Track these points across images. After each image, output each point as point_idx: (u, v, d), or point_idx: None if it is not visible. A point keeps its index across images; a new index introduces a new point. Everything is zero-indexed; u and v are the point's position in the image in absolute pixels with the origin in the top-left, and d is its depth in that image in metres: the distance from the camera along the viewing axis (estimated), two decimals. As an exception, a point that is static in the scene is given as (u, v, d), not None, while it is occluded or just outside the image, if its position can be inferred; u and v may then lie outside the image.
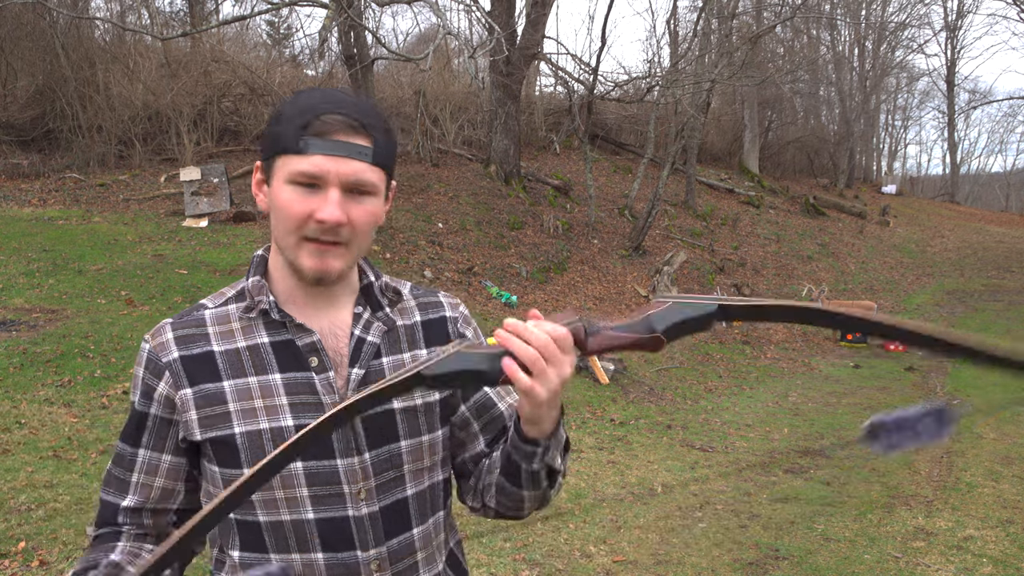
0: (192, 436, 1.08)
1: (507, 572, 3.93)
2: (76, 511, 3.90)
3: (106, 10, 16.18)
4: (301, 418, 1.07)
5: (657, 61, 21.37)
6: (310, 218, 1.03)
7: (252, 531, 1.08)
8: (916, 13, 30.01)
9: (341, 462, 1.08)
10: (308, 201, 1.03)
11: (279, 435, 1.06)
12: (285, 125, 1.04)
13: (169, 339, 1.11)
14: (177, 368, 1.09)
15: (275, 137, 1.05)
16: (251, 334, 1.11)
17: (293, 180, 1.03)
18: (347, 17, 10.14)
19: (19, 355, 5.88)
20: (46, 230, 9.55)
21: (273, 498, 1.07)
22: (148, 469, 1.12)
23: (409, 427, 1.13)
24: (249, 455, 1.06)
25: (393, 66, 18.61)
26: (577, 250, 13.14)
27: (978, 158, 48.44)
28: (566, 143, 18.45)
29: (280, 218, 1.06)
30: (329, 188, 1.03)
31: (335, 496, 1.08)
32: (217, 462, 1.08)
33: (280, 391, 1.08)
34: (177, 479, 1.13)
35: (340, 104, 1.04)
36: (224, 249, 9.54)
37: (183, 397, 1.08)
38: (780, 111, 25.57)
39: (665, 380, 8.92)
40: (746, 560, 4.28)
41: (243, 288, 1.15)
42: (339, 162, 1.02)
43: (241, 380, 1.08)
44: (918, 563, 4.31)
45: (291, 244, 1.06)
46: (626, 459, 6.08)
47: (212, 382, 1.08)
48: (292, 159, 1.03)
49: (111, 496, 1.14)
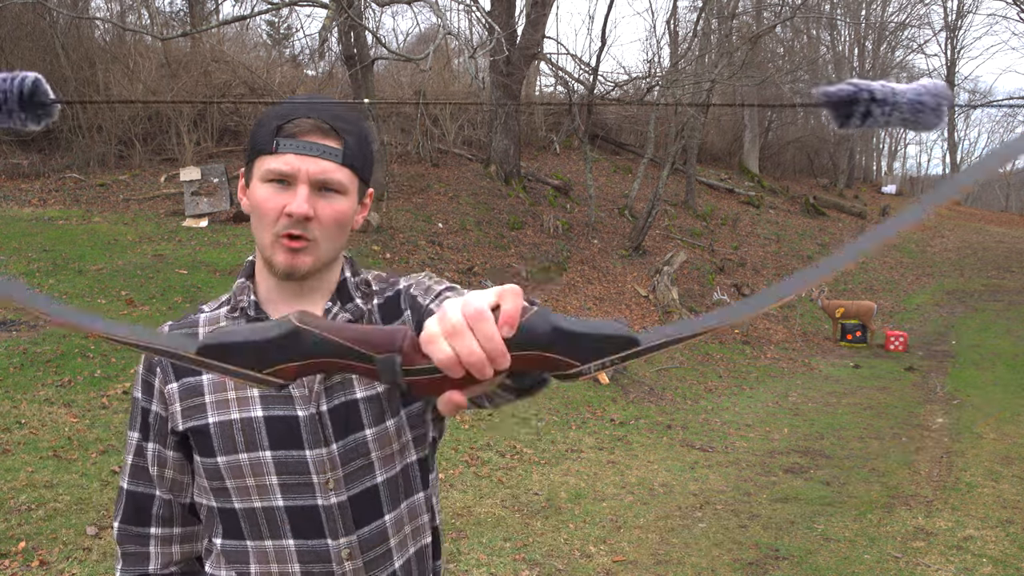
0: (176, 427, 1.15)
1: (507, 572, 3.93)
2: (76, 511, 3.90)
3: (106, 10, 16.19)
4: (271, 410, 1.12)
5: (657, 61, 21.37)
6: (281, 213, 1.09)
7: (231, 518, 1.14)
8: (916, 13, 30.05)
9: (310, 453, 1.12)
10: (280, 197, 1.09)
11: (248, 424, 1.11)
12: (262, 129, 1.11)
13: None
14: (166, 364, 1.16)
15: (253, 140, 1.12)
16: None
17: (266, 178, 1.10)
18: (347, 17, 10.14)
19: (19, 355, 5.88)
20: (46, 230, 9.55)
21: (245, 485, 1.12)
22: (160, 462, 1.18)
23: (373, 415, 1.15)
24: (221, 443, 1.11)
25: (393, 66, 18.61)
26: (577, 250, 13.14)
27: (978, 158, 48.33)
28: (566, 143, 18.46)
29: (256, 216, 1.12)
30: (298, 185, 1.09)
31: (304, 485, 1.12)
32: (198, 451, 1.14)
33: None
34: (184, 472, 1.19)
35: (313, 109, 1.11)
36: (224, 249, 9.54)
37: (170, 391, 1.15)
38: (780, 111, 25.56)
39: (665, 380, 8.91)
40: (746, 560, 4.28)
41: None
42: (308, 161, 1.08)
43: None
44: (918, 563, 4.31)
45: (267, 242, 1.11)
46: (626, 459, 6.08)
47: (194, 376, 1.15)
48: (267, 159, 1.09)
49: (140, 487, 1.19)
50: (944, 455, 6.65)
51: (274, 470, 1.11)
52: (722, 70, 14.97)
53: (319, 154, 1.09)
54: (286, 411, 1.12)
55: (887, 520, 5.02)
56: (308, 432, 1.12)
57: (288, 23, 23.57)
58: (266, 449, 1.11)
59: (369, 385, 1.15)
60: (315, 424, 1.12)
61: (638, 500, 5.19)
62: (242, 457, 1.11)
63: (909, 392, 9.40)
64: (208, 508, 1.16)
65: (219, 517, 1.15)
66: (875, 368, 10.83)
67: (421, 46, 18.68)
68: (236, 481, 1.12)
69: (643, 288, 12.22)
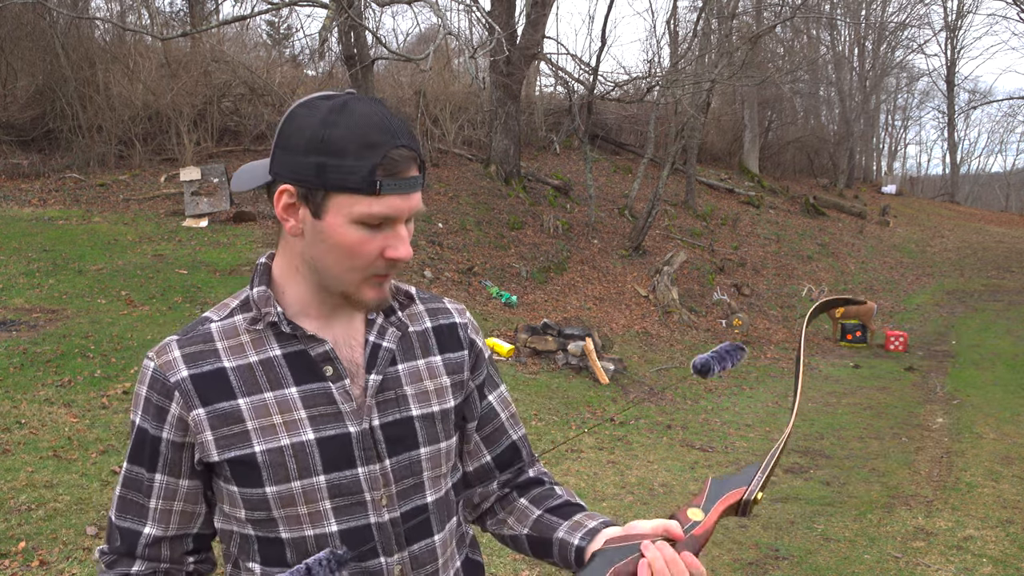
0: (209, 458, 1.06)
1: (507, 572, 3.94)
2: (76, 511, 3.90)
3: (106, 10, 16.20)
4: (321, 430, 1.06)
5: (657, 61, 21.38)
6: (379, 257, 1.03)
7: (274, 547, 1.08)
8: (916, 13, 30.02)
9: (362, 470, 1.08)
10: (377, 241, 1.02)
11: (300, 449, 1.05)
12: (346, 160, 0.98)
13: (176, 357, 1.07)
14: (187, 387, 1.05)
15: (333, 171, 0.98)
16: (262, 347, 1.08)
17: (362, 221, 1.00)
18: (347, 17, 10.15)
19: (19, 355, 5.88)
20: (46, 230, 9.55)
21: (296, 514, 1.06)
22: (167, 495, 1.09)
23: (428, 434, 1.13)
24: (271, 473, 1.04)
25: (393, 66, 18.61)
26: (577, 250, 13.14)
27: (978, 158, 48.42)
28: (566, 143, 18.46)
29: (343, 256, 1.03)
30: (398, 226, 1.03)
31: (357, 505, 1.07)
32: (236, 482, 1.06)
33: (298, 405, 1.06)
34: (196, 502, 1.11)
35: (398, 133, 1.00)
36: (224, 249, 9.55)
37: (196, 418, 1.05)
38: (780, 111, 25.57)
39: (665, 380, 8.92)
40: (746, 560, 4.28)
41: (247, 298, 1.11)
42: (408, 199, 1.02)
43: (257, 396, 1.06)
44: (918, 563, 4.31)
45: (354, 280, 1.05)
46: (626, 459, 6.08)
47: (226, 400, 1.05)
48: (362, 200, 0.99)
49: (129, 523, 1.10)
50: (944, 455, 6.65)
51: (327, 494, 1.06)
52: (722, 70, 14.97)
53: (415, 189, 1.03)
54: (337, 429, 1.06)
55: (887, 520, 5.02)
56: (360, 448, 1.07)
57: (288, 23, 23.60)
58: (320, 474, 1.05)
59: (424, 403, 1.13)
60: (367, 439, 1.08)
61: (638, 500, 5.19)
62: (295, 486, 1.04)
63: (909, 392, 9.40)
64: (242, 536, 1.10)
65: (257, 545, 1.08)
66: (875, 368, 10.83)
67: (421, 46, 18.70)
68: (286, 511, 1.05)
69: (643, 288, 12.22)
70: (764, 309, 13.63)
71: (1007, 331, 13.09)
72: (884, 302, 15.29)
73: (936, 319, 14.52)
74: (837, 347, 12.22)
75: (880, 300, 15.09)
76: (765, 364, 10.68)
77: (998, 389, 9.51)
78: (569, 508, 1.23)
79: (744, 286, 14.18)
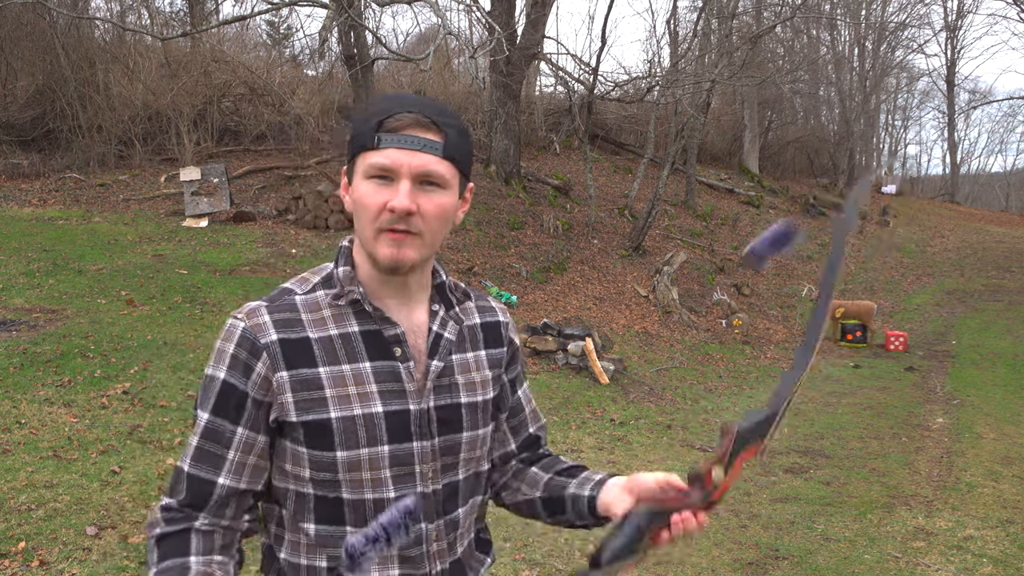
0: (287, 417, 1.14)
1: (507, 572, 3.93)
2: (76, 511, 3.90)
3: (106, 10, 16.19)
4: (388, 405, 1.16)
5: (657, 61, 21.38)
6: (384, 208, 1.11)
7: (333, 506, 1.16)
8: (916, 13, 30.01)
9: (416, 444, 1.18)
10: (382, 193, 1.11)
11: (370, 420, 1.14)
12: (363, 125, 1.13)
13: (267, 321, 1.15)
14: (275, 350, 1.13)
15: (354, 138, 1.14)
16: (342, 323, 1.18)
17: (369, 174, 1.12)
18: (347, 17, 10.15)
19: (19, 355, 5.88)
20: (46, 230, 9.55)
21: (360, 479, 1.15)
22: (245, 448, 1.16)
23: (471, 420, 1.24)
24: (344, 438, 1.13)
25: (393, 66, 18.62)
26: (577, 250, 13.14)
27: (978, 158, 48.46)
28: (566, 143, 18.46)
29: (359, 211, 1.14)
30: (401, 179, 1.11)
31: (409, 475, 1.18)
32: (306, 444, 1.14)
33: (370, 379, 1.16)
34: (267, 457, 1.18)
35: (413, 104, 1.14)
36: (224, 249, 9.55)
37: (280, 379, 1.13)
38: (780, 111, 25.58)
39: (665, 380, 8.91)
40: (746, 560, 4.28)
41: (330, 274, 1.21)
42: (410, 155, 1.11)
43: (336, 367, 1.15)
44: (918, 563, 4.31)
45: (369, 236, 1.13)
46: (626, 459, 6.08)
47: (308, 367, 1.14)
48: (368, 155, 1.12)
49: (205, 472, 1.15)
50: (944, 455, 6.65)
51: (388, 463, 1.16)
52: (722, 70, 14.97)
53: (421, 148, 1.11)
54: (401, 406, 1.17)
55: (887, 520, 5.02)
56: (416, 425, 1.18)
57: (288, 23, 23.58)
58: (384, 444, 1.15)
59: (471, 393, 1.25)
60: (423, 418, 1.19)
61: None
62: (363, 452, 1.14)
63: (909, 392, 9.40)
64: (299, 495, 1.17)
65: (313, 504, 1.17)
66: (875, 368, 10.83)
67: (421, 46, 18.71)
68: (351, 475, 1.15)
69: (643, 288, 12.22)
70: (764, 309, 13.63)
71: (1007, 331, 13.09)
72: (884, 302, 15.29)
73: (936, 319, 14.51)
74: (837, 347, 12.22)
75: (880, 300, 15.09)
76: (765, 364, 10.68)
77: (998, 389, 9.51)
78: (576, 469, 1.36)
79: (744, 286, 14.18)
